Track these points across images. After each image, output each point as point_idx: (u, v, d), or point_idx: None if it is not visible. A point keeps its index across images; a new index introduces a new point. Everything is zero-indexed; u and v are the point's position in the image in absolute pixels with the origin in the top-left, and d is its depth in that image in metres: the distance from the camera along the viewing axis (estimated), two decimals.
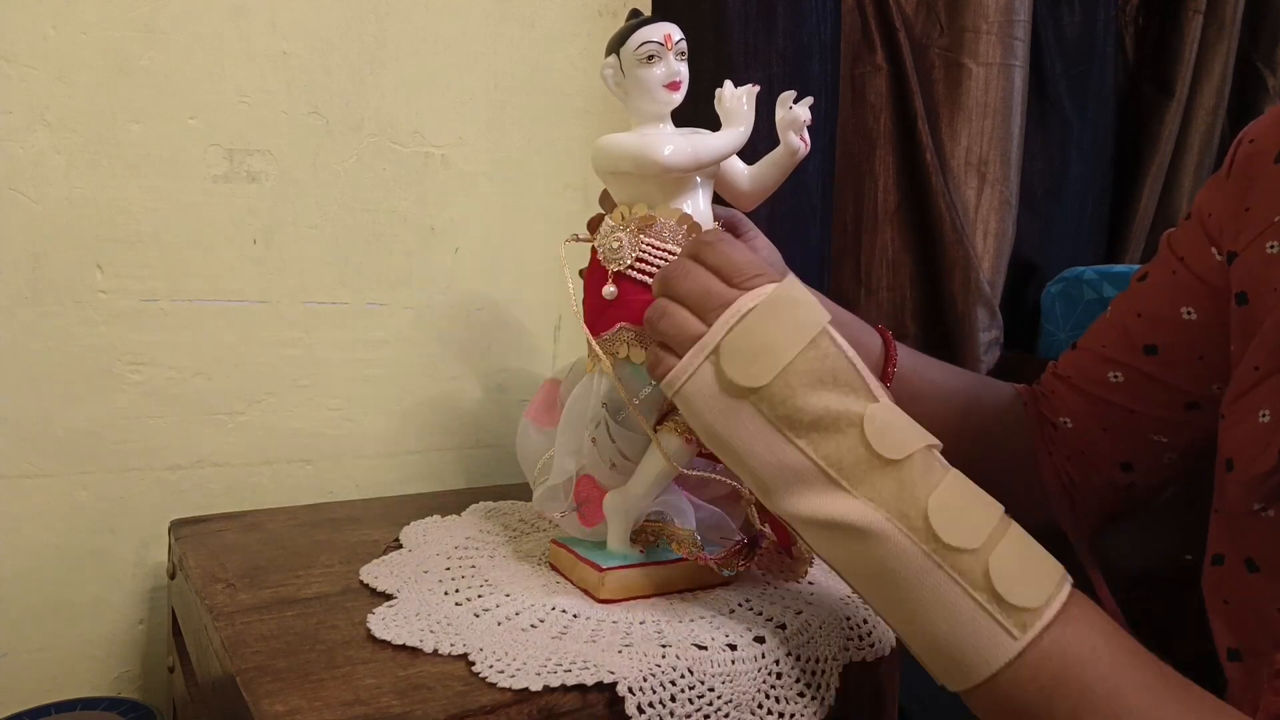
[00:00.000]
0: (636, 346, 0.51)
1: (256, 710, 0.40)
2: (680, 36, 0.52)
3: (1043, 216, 1.16)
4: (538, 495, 0.57)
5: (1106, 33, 1.20)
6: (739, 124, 0.53)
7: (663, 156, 0.50)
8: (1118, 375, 0.63)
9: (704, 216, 0.53)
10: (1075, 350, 0.67)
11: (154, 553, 0.73)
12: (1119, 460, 0.64)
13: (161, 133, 0.70)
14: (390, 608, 0.50)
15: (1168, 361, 0.60)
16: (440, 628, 0.48)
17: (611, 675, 0.42)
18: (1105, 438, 0.64)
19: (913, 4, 1.06)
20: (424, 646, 0.46)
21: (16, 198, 0.66)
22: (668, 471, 0.52)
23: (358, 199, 0.79)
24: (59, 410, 0.69)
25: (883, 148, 1.05)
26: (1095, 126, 1.20)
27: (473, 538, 0.63)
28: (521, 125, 0.87)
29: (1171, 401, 0.61)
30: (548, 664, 0.43)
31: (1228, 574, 0.50)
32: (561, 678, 0.42)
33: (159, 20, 0.69)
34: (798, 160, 0.55)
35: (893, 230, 1.06)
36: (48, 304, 0.68)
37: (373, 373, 0.82)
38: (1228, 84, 1.26)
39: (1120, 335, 0.63)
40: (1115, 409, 0.63)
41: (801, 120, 0.54)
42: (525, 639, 0.47)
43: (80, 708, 0.68)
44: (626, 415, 0.53)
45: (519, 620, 0.49)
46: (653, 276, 0.50)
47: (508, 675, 0.42)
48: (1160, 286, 0.61)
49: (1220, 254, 0.57)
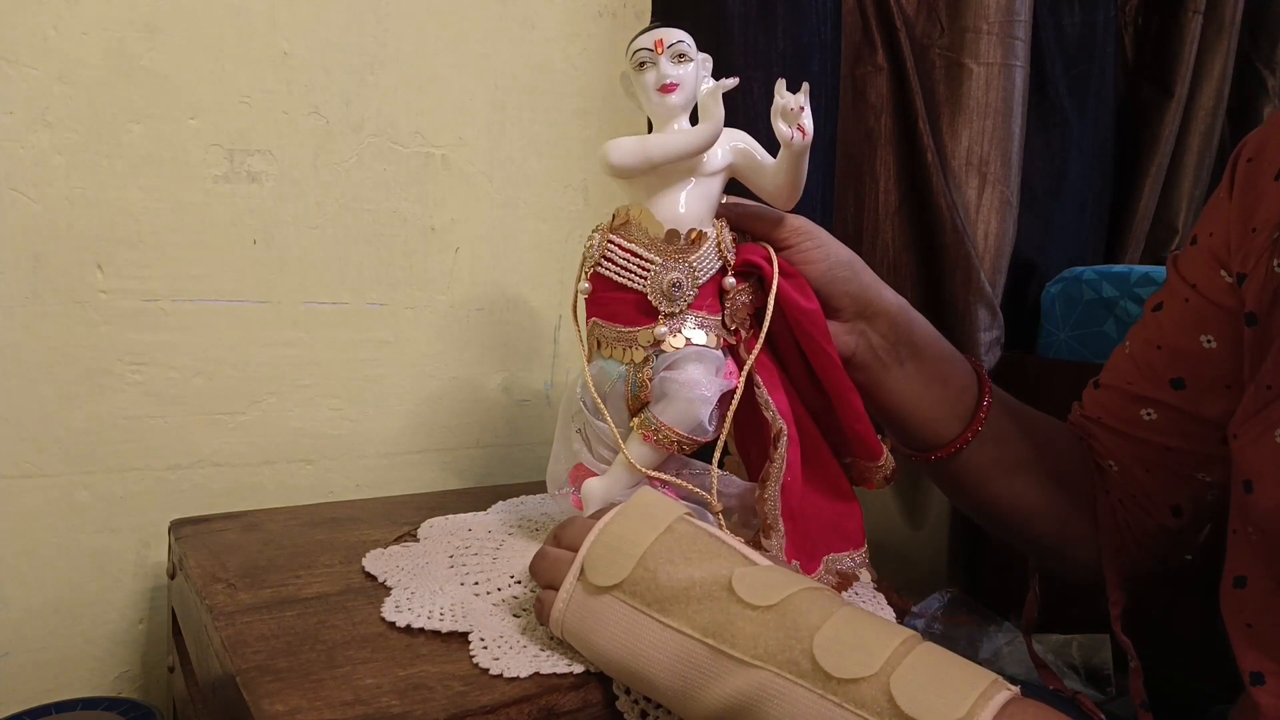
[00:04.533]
0: (605, 342, 0.55)
1: (256, 710, 0.40)
2: (676, 40, 0.52)
3: (1043, 216, 1.16)
4: (549, 476, 0.59)
5: (1106, 33, 1.20)
6: (704, 120, 0.52)
7: (609, 158, 0.51)
8: (1150, 413, 0.61)
9: (686, 217, 0.53)
10: (1100, 389, 0.65)
11: (154, 553, 0.73)
12: (1169, 504, 0.62)
13: (162, 133, 0.70)
14: (407, 592, 0.52)
15: (1196, 394, 0.58)
16: (447, 609, 0.49)
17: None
18: (1149, 479, 0.62)
19: (913, 4, 1.06)
20: (429, 625, 0.48)
21: (16, 198, 0.66)
22: (642, 464, 0.54)
23: (358, 199, 0.79)
24: (59, 410, 0.69)
25: (883, 148, 1.05)
26: (1095, 126, 1.20)
27: (493, 530, 0.65)
28: (521, 125, 0.87)
29: (1208, 435, 0.59)
30: (540, 654, 0.45)
31: (1252, 596, 0.48)
32: (554, 665, 0.44)
33: (159, 20, 0.69)
34: (795, 151, 0.53)
35: (893, 230, 1.06)
36: (48, 304, 0.68)
37: (373, 373, 0.82)
38: (1227, 84, 1.26)
39: (1145, 371, 0.61)
40: (1154, 448, 0.61)
41: (791, 108, 0.52)
42: (519, 623, 0.49)
43: (80, 708, 0.68)
44: (597, 409, 0.55)
45: (516, 604, 0.51)
46: (617, 274, 0.53)
47: (502, 663, 0.44)
48: (1176, 316, 0.60)
49: (1230, 276, 0.56)
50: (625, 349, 0.54)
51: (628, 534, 0.44)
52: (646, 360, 0.54)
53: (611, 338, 0.54)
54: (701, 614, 0.41)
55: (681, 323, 0.53)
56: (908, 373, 0.61)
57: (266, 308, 0.76)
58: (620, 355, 0.54)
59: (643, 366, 0.54)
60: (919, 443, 0.64)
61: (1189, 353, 0.58)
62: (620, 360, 0.54)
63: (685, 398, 0.52)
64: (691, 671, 0.41)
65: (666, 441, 0.53)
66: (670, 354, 0.53)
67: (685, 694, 0.41)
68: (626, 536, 0.44)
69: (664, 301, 0.53)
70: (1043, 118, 1.14)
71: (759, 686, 0.39)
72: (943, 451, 0.63)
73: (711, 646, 0.40)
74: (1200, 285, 0.58)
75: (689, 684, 0.41)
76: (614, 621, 0.43)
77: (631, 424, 0.54)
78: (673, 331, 0.53)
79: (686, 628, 0.41)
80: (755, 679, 0.39)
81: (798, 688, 0.38)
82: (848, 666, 0.37)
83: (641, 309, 0.53)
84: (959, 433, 0.62)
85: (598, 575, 0.44)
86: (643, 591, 0.42)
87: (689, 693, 0.41)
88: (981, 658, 0.84)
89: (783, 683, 0.38)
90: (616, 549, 0.44)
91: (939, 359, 0.62)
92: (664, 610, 0.42)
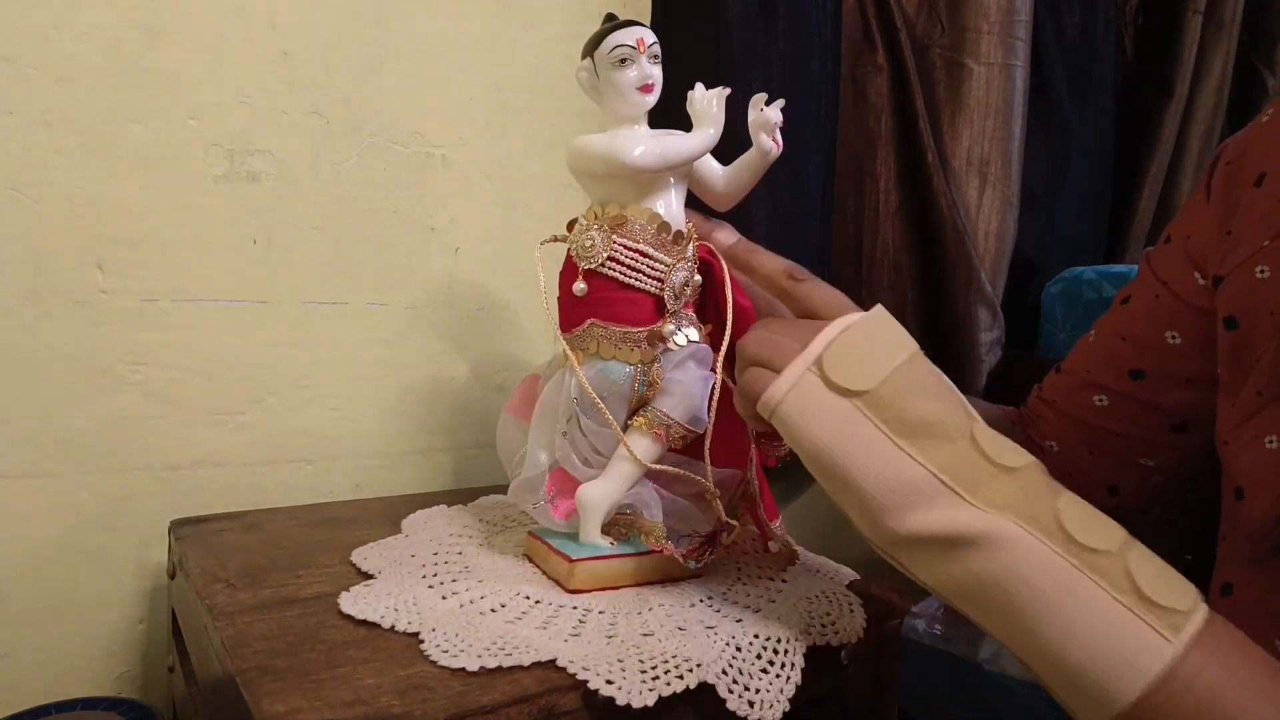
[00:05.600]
0: (606, 343, 0.54)
1: (256, 710, 0.40)
2: (654, 40, 0.54)
3: (1043, 216, 1.16)
4: (513, 487, 0.58)
5: (1106, 33, 1.20)
6: (709, 126, 0.54)
7: (632, 157, 0.52)
8: (1102, 399, 0.62)
9: (675, 217, 0.55)
10: (1060, 374, 0.67)
11: (154, 553, 0.73)
12: (1105, 483, 0.64)
13: (162, 133, 0.70)
14: (366, 587, 0.53)
15: (1154, 385, 0.60)
16: (405, 607, 0.50)
17: (550, 655, 0.44)
18: (1090, 460, 0.64)
19: (914, 4, 1.06)
20: (383, 623, 0.48)
21: (17, 198, 0.66)
22: (638, 467, 0.54)
23: (358, 199, 0.79)
24: (59, 410, 0.69)
25: (884, 148, 1.05)
26: (1095, 127, 1.20)
27: (469, 526, 0.66)
28: (521, 125, 0.87)
29: (1158, 424, 0.60)
30: (491, 647, 0.45)
31: (1238, 603, 0.48)
32: (500, 659, 0.43)
33: (159, 20, 0.69)
34: (769, 161, 0.56)
35: (894, 230, 1.06)
36: (48, 304, 0.68)
37: (373, 373, 0.82)
38: (1227, 84, 1.26)
39: (1106, 359, 0.62)
40: (1100, 432, 0.63)
41: (773, 122, 0.55)
42: (481, 622, 0.48)
43: (80, 708, 0.68)
44: (596, 412, 0.55)
45: (481, 604, 0.51)
46: (625, 275, 0.53)
47: (450, 655, 0.44)
48: (1144, 310, 0.61)
49: (1204, 278, 0.56)
50: (632, 349, 0.54)
51: (874, 346, 0.44)
52: (655, 360, 0.55)
53: (616, 338, 0.54)
54: (940, 451, 0.42)
55: (680, 321, 0.55)
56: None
57: (266, 308, 0.76)
58: (625, 356, 0.54)
59: (650, 366, 0.54)
60: None
61: (1153, 346, 0.59)
62: (625, 360, 0.54)
63: (690, 392, 0.55)
64: (912, 494, 0.42)
65: (677, 436, 0.54)
66: (676, 352, 0.55)
67: (892, 509, 0.42)
68: (871, 348, 0.44)
69: (674, 300, 0.54)
70: (1043, 118, 1.14)
71: (995, 529, 0.40)
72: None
73: (948, 485, 0.41)
74: (1171, 283, 0.59)
75: (903, 502, 0.42)
76: (843, 424, 0.43)
77: (633, 423, 0.55)
78: (678, 330, 0.55)
79: (921, 458, 0.42)
80: (992, 523, 0.40)
81: (1039, 543, 0.39)
82: (1090, 537, 0.39)
83: (650, 308, 0.54)
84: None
85: (841, 375, 0.43)
86: (883, 409, 0.43)
87: (898, 509, 0.42)
88: (981, 657, 0.84)
89: (1023, 533, 0.39)
90: (860, 356, 0.44)
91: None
92: (906, 437, 0.42)
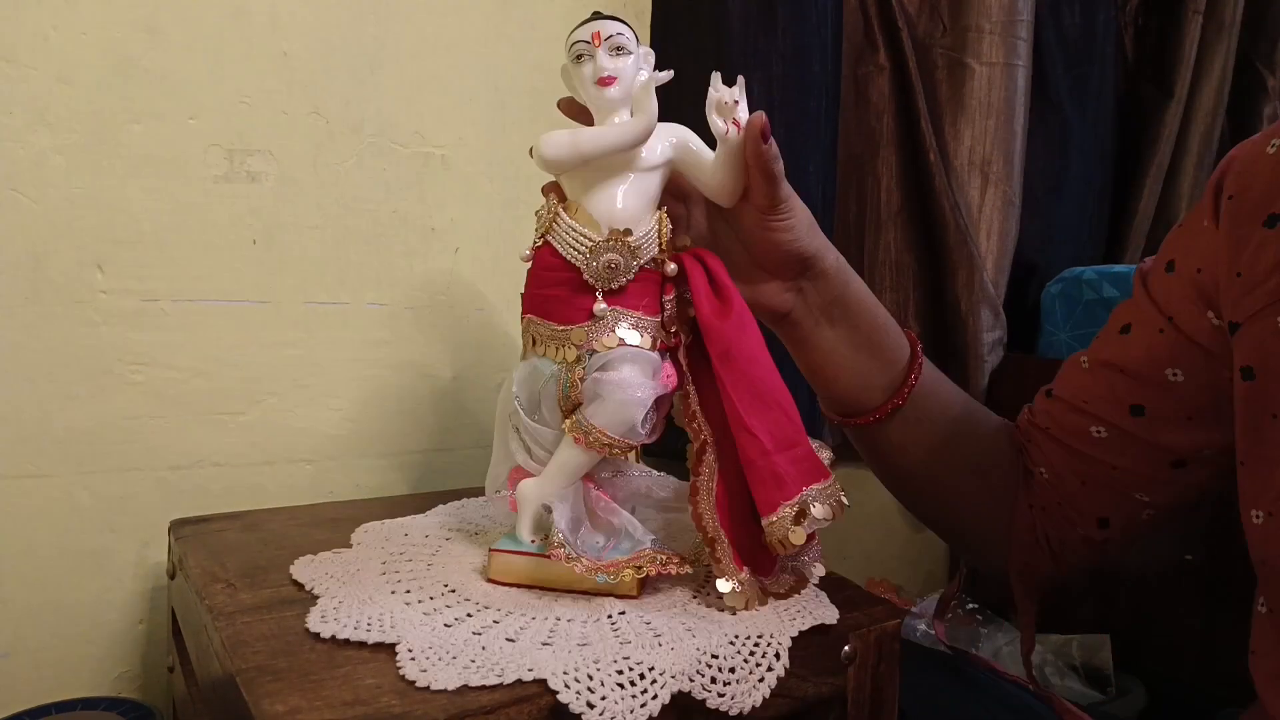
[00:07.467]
0: (539, 339, 0.52)
1: (256, 710, 0.39)
2: (614, 32, 0.51)
3: (1043, 216, 1.16)
4: (487, 478, 0.57)
5: (1107, 33, 1.20)
6: (639, 114, 0.50)
7: (541, 150, 0.50)
8: (1101, 431, 0.59)
9: (630, 211, 0.52)
10: (1054, 400, 0.63)
11: (154, 553, 0.73)
12: (1096, 515, 0.61)
13: (162, 133, 0.70)
14: (333, 602, 0.50)
15: (1155, 422, 0.57)
16: (374, 620, 0.47)
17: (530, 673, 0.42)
18: (1083, 492, 0.61)
19: (915, 3, 1.06)
20: (353, 638, 0.45)
21: (17, 198, 0.66)
22: (575, 466, 0.52)
23: (358, 199, 0.79)
24: (59, 410, 0.69)
25: (885, 148, 1.05)
26: (1095, 127, 1.20)
27: (432, 534, 0.63)
28: (521, 125, 0.87)
29: (1157, 460, 0.57)
30: (470, 665, 0.42)
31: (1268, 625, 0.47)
32: (484, 677, 0.41)
33: (159, 20, 0.69)
34: (730, 145, 0.51)
35: (896, 230, 1.06)
36: (48, 304, 0.68)
37: (373, 373, 0.82)
38: (1227, 84, 1.26)
39: (1104, 392, 0.59)
40: (1096, 464, 0.60)
41: (725, 101, 0.50)
42: (449, 634, 0.46)
43: (80, 708, 0.68)
44: (536, 409, 0.53)
45: (448, 614, 0.48)
46: (558, 244, 0.51)
47: (429, 675, 0.42)
48: (1146, 344, 0.57)
49: (1219, 319, 0.52)
50: (558, 347, 0.52)
51: None
52: (579, 360, 0.52)
53: (545, 335, 0.52)
54: None
55: (615, 323, 0.51)
56: (838, 334, 0.61)
57: (267, 308, 0.76)
58: (553, 354, 0.52)
59: (574, 366, 0.52)
60: (841, 406, 0.65)
61: (1153, 382, 0.56)
62: (554, 359, 0.52)
63: (617, 399, 0.50)
64: None
65: (598, 444, 0.50)
66: (603, 354, 0.51)
67: None
68: None
69: (595, 280, 0.51)
70: (1043, 118, 1.14)
71: None
72: (861, 419, 0.64)
73: None
74: (1179, 320, 0.55)
75: None
76: None
77: (563, 426, 0.52)
78: (605, 331, 0.51)
79: None
80: None
81: None
82: None
83: (576, 296, 0.51)
84: (880, 403, 0.63)
85: None
86: None
87: None
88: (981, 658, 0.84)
89: None
90: None
91: (872, 327, 0.62)
92: None
